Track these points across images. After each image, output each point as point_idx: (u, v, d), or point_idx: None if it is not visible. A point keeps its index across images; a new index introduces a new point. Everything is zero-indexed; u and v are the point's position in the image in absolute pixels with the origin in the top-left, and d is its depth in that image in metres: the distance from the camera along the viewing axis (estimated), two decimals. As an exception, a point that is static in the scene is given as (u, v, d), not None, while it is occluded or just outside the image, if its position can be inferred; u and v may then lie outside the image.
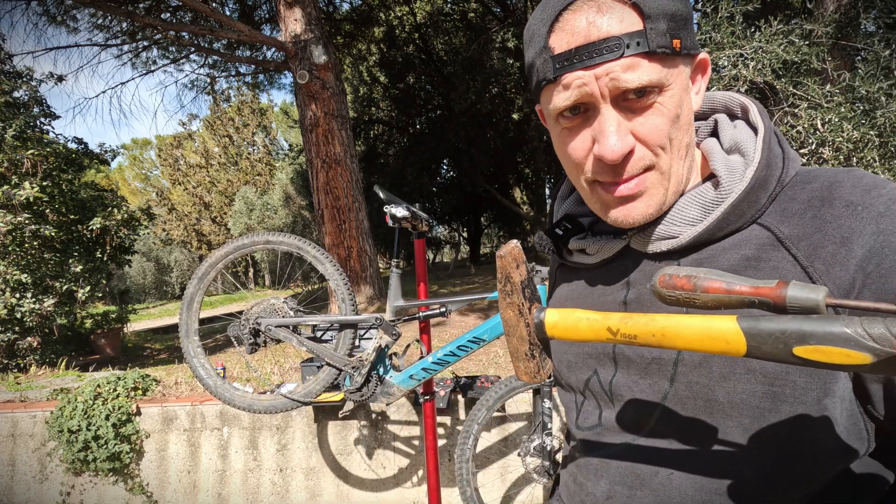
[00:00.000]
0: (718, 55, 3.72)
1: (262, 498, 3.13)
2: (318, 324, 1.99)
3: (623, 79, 0.48)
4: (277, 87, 25.23)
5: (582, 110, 0.52)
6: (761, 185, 0.52)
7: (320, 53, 5.77)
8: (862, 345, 0.27)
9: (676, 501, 0.54)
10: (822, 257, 0.47)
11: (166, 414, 3.23)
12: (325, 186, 5.91)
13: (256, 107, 23.49)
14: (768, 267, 0.50)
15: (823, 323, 0.29)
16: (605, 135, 0.50)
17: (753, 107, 0.58)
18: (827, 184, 0.51)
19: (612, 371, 0.62)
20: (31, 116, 5.88)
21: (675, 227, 0.56)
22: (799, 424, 0.47)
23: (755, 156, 0.53)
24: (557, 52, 0.50)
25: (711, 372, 0.51)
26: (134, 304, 18.40)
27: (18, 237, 5.23)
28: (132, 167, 32.62)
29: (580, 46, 0.48)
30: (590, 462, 0.64)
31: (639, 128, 0.50)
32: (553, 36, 0.51)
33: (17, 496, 3.27)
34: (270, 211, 18.37)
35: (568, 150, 0.55)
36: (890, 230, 0.44)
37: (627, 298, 0.60)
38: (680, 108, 0.51)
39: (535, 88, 0.55)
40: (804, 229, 0.49)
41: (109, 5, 6.05)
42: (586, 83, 0.49)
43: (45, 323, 5.41)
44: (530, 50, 0.54)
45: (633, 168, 0.52)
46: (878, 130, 3.36)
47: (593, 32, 0.48)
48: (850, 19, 4.21)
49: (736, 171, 0.54)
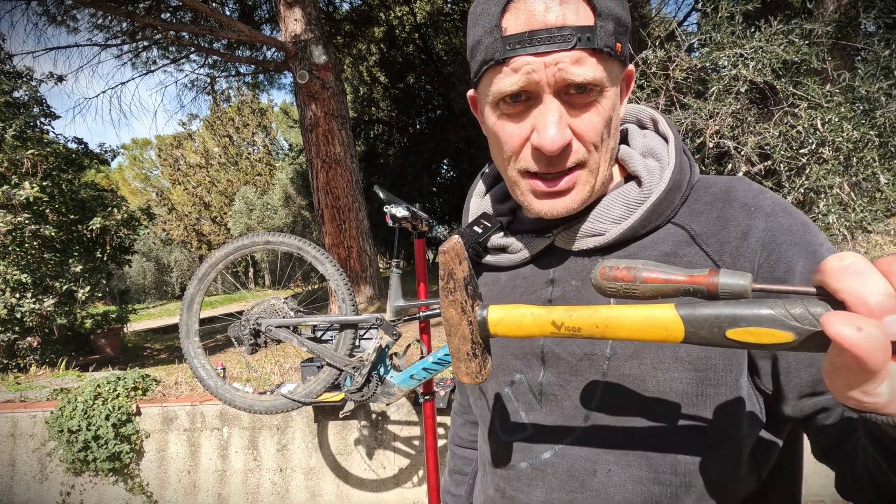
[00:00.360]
0: (718, 55, 3.72)
1: (262, 498, 3.13)
2: (318, 324, 1.99)
3: (571, 71, 0.48)
4: (277, 87, 25.24)
5: (524, 98, 0.52)
6: (677, 187, 0.57)
7: (320, 53, 5.77)
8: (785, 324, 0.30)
9: (618, 499, 0.54)
10: (727, 251, 0.52)
11: (166, 414, 3.23)
12: (325, 186, 5.91)
13: (256, 107, 23.48)
14: (684, 262, 0.54)
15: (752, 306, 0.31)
16: (546, 125, 0.50)
17: (662, 118, 0.63)
18: (724, 188, 0.57)
19: (539, 371, 0.60)
20: (31, 116, 5.88)
21: (600, 225, 0.58)
22: (723, 405, 0.51)
23: (670, 161, 0.58)
24: (510, 33, 0.49)
25: (643, 363, 0.53)
26: (134, 304, 18.40)
27: (18, 237, 5.23)
28: (132, 167, 32.62)
29: (536, 30, 0.48)
30: (520, 471, 0.61)
31: (577, 123, 0.52)
32: (507, 16, 0.50)
33: (17, 496, 3.27)
34: (270, 211, 18.37)
35: (504, 137, 0.55)
36: (775, 227, 0.52)
37: (552, 296, 0.60)
38: (613, 111, 0.53)
39: (478, 69, 0.54)
40: (711, 227, 0.54)
41: (109, 5, 6.05)
42: (535, 70, 0.49)
43: (45, 323, 5.41)
44: (477, 28, 0.53)
45: (566, 162, 0.53)
46: (878, 130, 3.36)
47: (550, 18, 0.48)
48: (850, 19, 4.21)
49: (654, 173, 0.58)
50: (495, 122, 0.55)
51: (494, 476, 0.64)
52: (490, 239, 0.65)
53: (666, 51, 3.96)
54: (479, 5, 0.53)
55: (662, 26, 11.04)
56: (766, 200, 0.54)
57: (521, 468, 0.60)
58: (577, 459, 0.56)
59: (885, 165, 3.44)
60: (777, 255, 0.50)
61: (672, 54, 3.97)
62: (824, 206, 3.38)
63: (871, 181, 3.51)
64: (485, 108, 0.57)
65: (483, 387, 0.66)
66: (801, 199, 3.73)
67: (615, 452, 0.55)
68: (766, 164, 3.90)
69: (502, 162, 0.58)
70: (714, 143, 3.96)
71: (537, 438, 0.60)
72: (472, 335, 0.46)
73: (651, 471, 0.53)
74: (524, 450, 0.60)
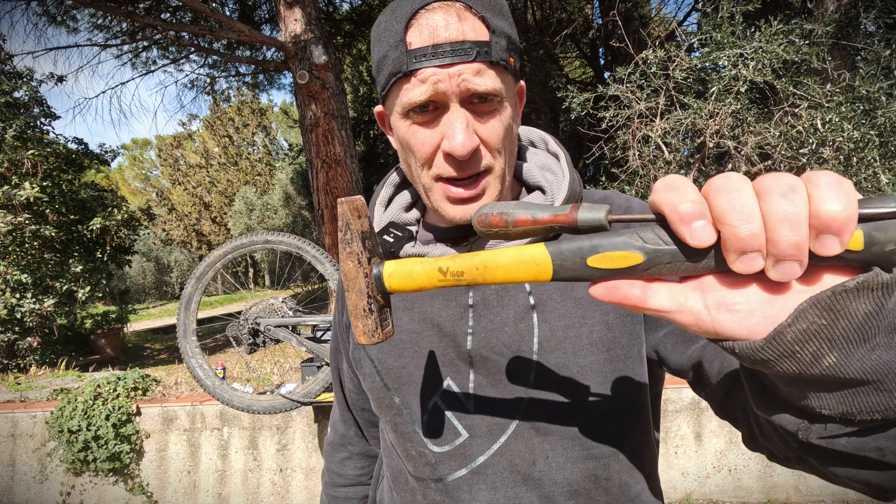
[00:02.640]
0: (718, 55, 3.72)
1: (262, 498, 3.13)
2: (317, 324, 1.99)
3: (473, 81, 0.53)
4: (277, 87, 25.23)
5: (432, 108, 0.55)
6: (573, 196, 0.63)
7: (320, 53, 5.77)
8: (635, 246, 0.33)
9: (561, 483, 0.58)
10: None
11: (166, 414, 3.23)
12: (325, 186, 5.91)
13: (256, 107, 23.48)
14: None
15: (608, 235, 0.35)
16: (455, 131, 0.54)
17: (551, 139, 0.70)
18: (602, 197, 0.67)
19: (467, 374, 0.61)
20: (32, 117, 5.88)
21: None
22: (631, 376, 0.59)
23: (565, 174, 0.65)
24: (415, 47, 0.53)
25: (566, 351, 0.58)
26: (134, 304, 18.41)
27: (18, 237, 5.23)
28: (132, 167, 32.62)
29: (439, 44, 0.52)
30: (459, 480, 0.61)
31: (482, 129, 0.56)
32: (410, 31, 0.54)
33: (17, 496, 3.27)
34: (270, 211, 18.37)
35: (416, 146, 0.58)
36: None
37: (473, 301, 0.63)
38: (512, 120, 0.59)
39: (386, 83, 0.57)
40: None
41: (109, 5, 6.05)
42: (441, 80, 0.53)
43: (45, 323, 5.41)
44: (382, 44, 0.56)
45: (477, 166, 0.57)
46: (879, 130, 3.35)
47: (451, 33, 0.52)
48: (850, 19, 4.21)
49: (553, 184, 0.64)
50: (406, 131, 0.58)
51: (428, 491, 0.63)
52: (403, 248, 0.66)
53: (666, 51, 3.96)
54: (382, 24, 0.57)
55: (662, 26, 11.03)
56: (635, 204, 0.65)
57: (459, 476, 0.61)
58: (516, 454, 0.59)
59: (886, 165, 3.43)
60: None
61: (672, 54, 3.97)
62: (824, 206, 3.38)
63: (871, 181, 3.51)
64: (395, 119, 0.59)
65: (405, 400, 0.65)
66: (802, 199, 3.73)
67: (550, 439, 0.59)
68: (766, 164, 3.89)
69: (416, 169, 0.60)
70: (714, 143, 3.96)
71: (475, 444, 0.61)
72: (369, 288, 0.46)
73: (584, 448, 0.58)
74: (460, 457, 0.61)
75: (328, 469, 0.87)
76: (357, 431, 0.84)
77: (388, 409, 0.66)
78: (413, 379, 0.64)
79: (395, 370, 0.65)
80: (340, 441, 0.85)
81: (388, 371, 0.66)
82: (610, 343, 0.59)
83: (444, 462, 0.62)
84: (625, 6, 9.28)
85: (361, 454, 0.85)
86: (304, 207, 17.00)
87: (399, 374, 0.65)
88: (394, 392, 0.65)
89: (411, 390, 0.64)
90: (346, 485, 0.85)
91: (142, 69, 8.03)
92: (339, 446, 0.85)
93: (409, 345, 0.64)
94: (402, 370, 0.65)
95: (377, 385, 0.67)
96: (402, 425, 0.65)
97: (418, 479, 0.64)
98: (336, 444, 0.86)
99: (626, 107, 4.17)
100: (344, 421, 0.84)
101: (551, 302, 0.60)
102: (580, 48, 10.84)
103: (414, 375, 0.64)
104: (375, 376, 0.67)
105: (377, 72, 0.58)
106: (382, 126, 0.67)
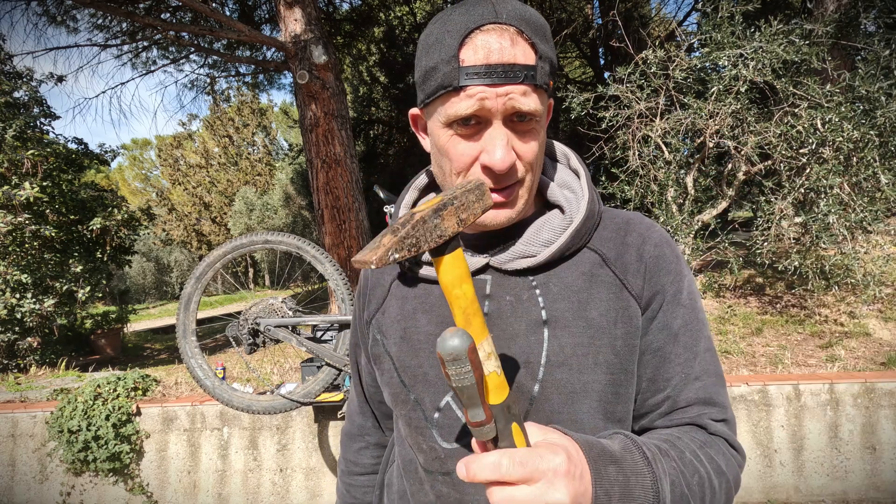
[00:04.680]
0: (718, 55, 3.72)
1: (263, 498, 3.13)
2: (317, 324, 1.99)
3: (520, 101, 0.57)
4: (277, 87, 25.25)
5: (474, 122, 0.58)
6: (591, 216, 0.67)
7: (320, 53, 5.77)
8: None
9: None
10: (630, 272, 0.65)
11: (166, 414, 3.23)
12: (325, 186, 5.91)
13: (256, 107, 23.47)
14: (599, 281, 0.65)
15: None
16: (496, 147, 0.58)
17: (573, 155, 0.74)
18: (625, 220, 0.69)
19: None
20: (31, 117, 5.87)
21: (532, 248, 0.66)
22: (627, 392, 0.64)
23: (584, 193, 0.69)
24: (468, 64, 0.56)
25: (571, 367, 0.62)
26: (134, 304, 18.40)
27: (18, 237, 5.23)
28: (132, 167, 32.60)
29: (493, 65, 0.55)
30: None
31: (519, 146, 0.60)
32: (464, 49, 0.56)
33: (18, 496, 3.27)
34: (270, 211, 18.36)
35: (455, 155, 0.61)
36: (657, 255, 0.66)
37: (488, 310, 0.66)
38: (544, 138, 0.63)
39: (433, 93, 0.60)
40: (617, 252, 0.66)
41: (109, 5, 6.05)
42: (488, 97, 0.56)
43: (45, 323, 5.40)
44: (433, 55, 0.59)
45: (511, 179, 0.61)
46: (879, 130, 3.35)
47: (505, 56, 0.56)
48: (850, 19, 4.21)
49: (572, 203, 0.68)
50: (447, 140, 0.61)
51: (435, 483, 0.67)
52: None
53: (666, 51, 3.95)
54: (433, 35, 0.59)
55: (662, 26, 11.03)
56: (655, 233, 0.68)
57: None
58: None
59: (886, 165, 3.43)
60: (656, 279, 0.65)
61: (672, 54, 3.97)
62: (824, 206, 3.38)
63: (871, 181, 3.51)
64: (434, 126, 0.62)
65: (419, 397, 0.68)
66: (802, 199, 3.73)
67: None
68: (767, 164, 3.89)
69: (449, 176, 0.63)
70: (714, 143, 3.96)
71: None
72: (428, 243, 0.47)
73: None
74: (467, 454, 0.63)
75: (344, 458, 0.91)
76: (374, 423, 0.89)
77: (403, 404, 0.70)
78: (428, 378, 0.68)
79: (411, 368, 0.69)
80: (358, 431, 0.90)
81: (405, 369, 0.70)
82: (614, 367, 0.63)
83: (452, 457, 0.65)
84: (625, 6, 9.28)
85: (377, 444, 0.89)
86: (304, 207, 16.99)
87: (415, 372, 0.69)
88: (409, 389, 0.69)
89: (425, 388, 0.68)
90: (362, 473, 0.89)
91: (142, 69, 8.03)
92: (356, 436, 0.90)
93: (426, 346, 0.68)
94: (419, 369, 0.69)
95: (395, 381, 0.71)
96: (415, 420, 0.69)
97: (427, 471, 0.68)
98: (353, 435, 0.90)
99: (626, 107, 4.16)
100: (362, 412, 0.89)
101: (563, 319, 0.64)
102: (580, 48, 10.84)
103: (429, 375, 0.68)
104: (393, 373, 0.71)
105: (423, 79, 0.61)
106: (414, 127, 0.70)
